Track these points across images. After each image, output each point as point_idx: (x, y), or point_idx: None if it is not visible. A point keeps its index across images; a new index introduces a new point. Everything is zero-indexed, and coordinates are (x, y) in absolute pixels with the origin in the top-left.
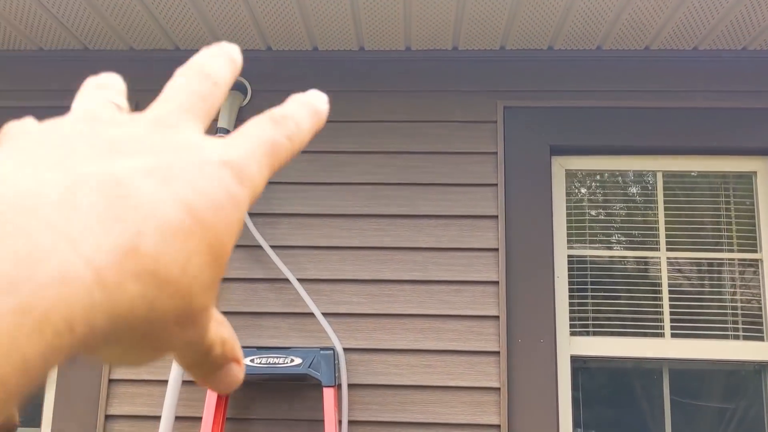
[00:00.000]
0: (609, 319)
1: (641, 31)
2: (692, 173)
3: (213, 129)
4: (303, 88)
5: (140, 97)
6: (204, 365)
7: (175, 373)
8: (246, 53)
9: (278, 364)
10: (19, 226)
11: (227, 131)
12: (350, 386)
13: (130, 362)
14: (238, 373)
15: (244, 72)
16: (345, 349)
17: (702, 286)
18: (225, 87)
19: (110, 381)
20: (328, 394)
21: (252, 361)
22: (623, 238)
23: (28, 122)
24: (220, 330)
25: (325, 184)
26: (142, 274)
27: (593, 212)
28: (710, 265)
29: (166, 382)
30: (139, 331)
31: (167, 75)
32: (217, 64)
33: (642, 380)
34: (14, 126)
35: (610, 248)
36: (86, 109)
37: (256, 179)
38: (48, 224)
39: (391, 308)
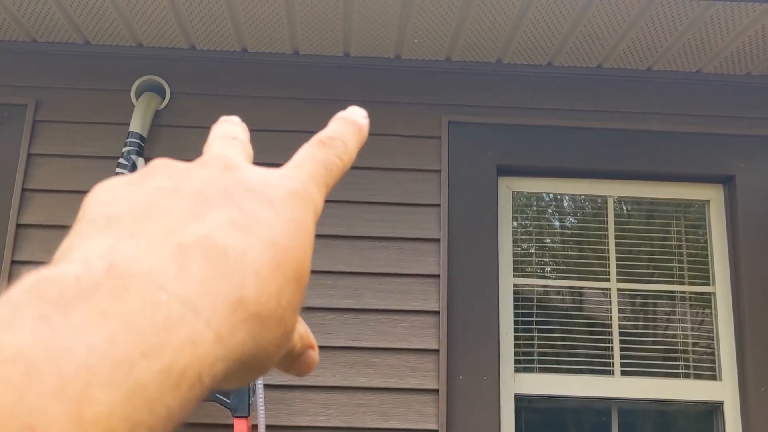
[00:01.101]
0: (556, 354)
1: (595, 47)
2: (644, 200)
3: (123, 133)
4: (229, 93)
5: (43, 93)
6: (287, 360)
7: None
8: (166, 51)
9: None
10: (152, 298)
11: (140, 136)
12: (270, 428)
13: (235, 386)
14: (314, 357)
15: (163, 72)
16: (266, 386)
17: (653, 320)
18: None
19: None
20: (239, 427)
21: None
22: (572, 267)
23: (111, 189)
24: (297, 328)
25: None
26: (249, 318)
27: (541, 238)
28: (661, 298)
29: None
30: (248, 365)
31: (75, 71)
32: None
33: (590, 421)
34: (98, 195)
35: (558, 278)
36: (160, 163)
37: (317, 199)
38: (173, 295)
39: (319, 339)
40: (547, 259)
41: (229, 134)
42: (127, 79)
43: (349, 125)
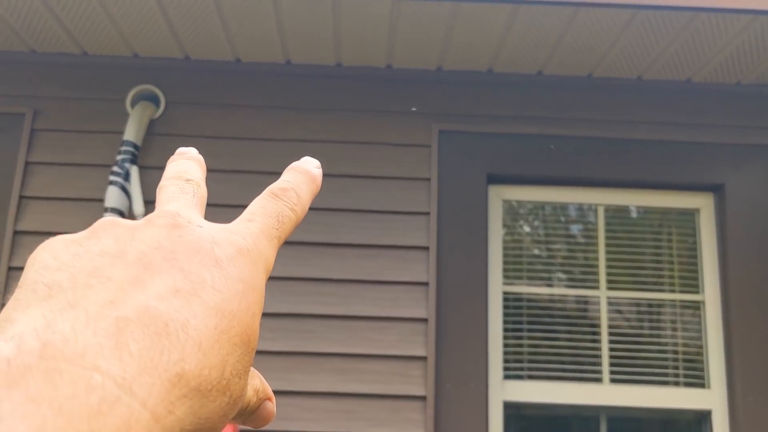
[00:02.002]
0: (545, 362)
1: (584, 57)
2: (634, 208)
3: (119, 142)
4: (223, 101)
5: (41, 103)
6: (242, 416)
7: None
8: (160, 61)
9: None
10: (86, 380)
11: (134, 144)
12: None
13: None
14: (271, 409)
15: (158, 81)
16: None
17: (642, 328)
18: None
19: None
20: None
21: None
22: (562, 276)
23: (54, 251)
24: (252, 384)
25: (239, 207)
26: (189, 393)
27: (531, 247)
28: (651, 306)
29: None
30: None
31: (72, 81)
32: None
33: (579, 429)
34: (41, 257)
35: (547, 285)
36: (106, 222)
37: (268, 255)
38: (108, 375)
39: (308, 346)
40: (538, 267)
41: (183, 175)
42: (122, 88)
43: (302, 175)
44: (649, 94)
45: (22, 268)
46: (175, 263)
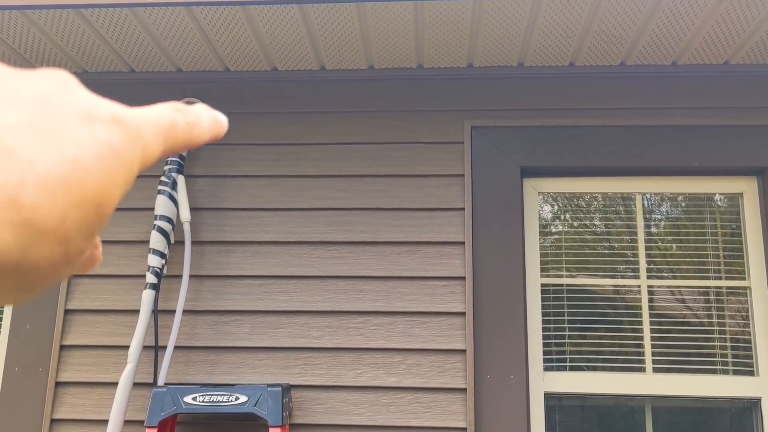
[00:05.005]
0: (586, 352)
1: (614, 45)
2: (674, 195)
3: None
4: (263, 109)
5: None
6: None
7: (125, 375)
8: (202, 74)
9: (221, 402)
10: None
11: (180, 155)
12: (306, 426)
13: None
14: (97, 256)
15: (199, 93)
16: (300, 386)
17: (686, 316)
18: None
19: (57, 384)
20: None
21: (194, 399)
22: (601, 266)
23: None
24: (93, 253)
25: (282, 210)
26: (19, 224)
27: (568, 238)
28: (695, 293)
29: (114, 384)
30: (10, 275)
31: (121, 97)
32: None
33: (622, 419)
34: None
35: (586, 276)
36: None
37: (149, 143)
38: None
39: (350, 341)
40: (576, 258)
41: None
42: (167, 101)
43: (209, 112)
44: (686, 78)
45: (77, 276)
46: (44, 107)
